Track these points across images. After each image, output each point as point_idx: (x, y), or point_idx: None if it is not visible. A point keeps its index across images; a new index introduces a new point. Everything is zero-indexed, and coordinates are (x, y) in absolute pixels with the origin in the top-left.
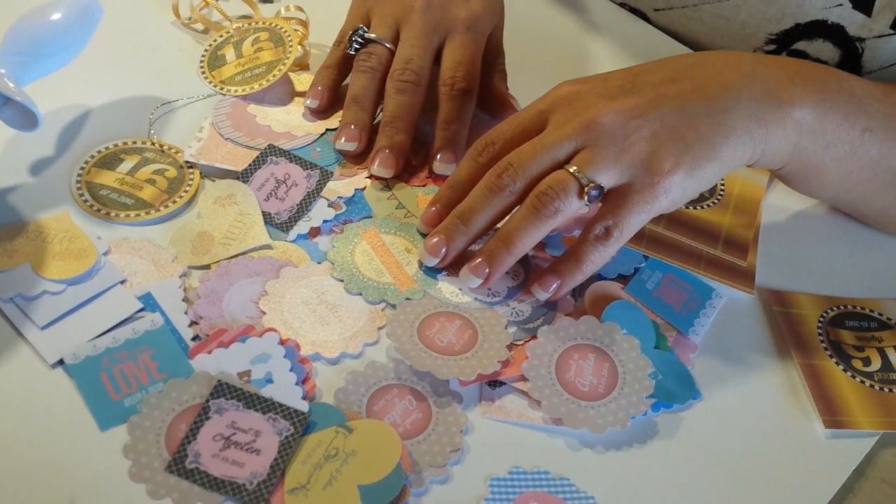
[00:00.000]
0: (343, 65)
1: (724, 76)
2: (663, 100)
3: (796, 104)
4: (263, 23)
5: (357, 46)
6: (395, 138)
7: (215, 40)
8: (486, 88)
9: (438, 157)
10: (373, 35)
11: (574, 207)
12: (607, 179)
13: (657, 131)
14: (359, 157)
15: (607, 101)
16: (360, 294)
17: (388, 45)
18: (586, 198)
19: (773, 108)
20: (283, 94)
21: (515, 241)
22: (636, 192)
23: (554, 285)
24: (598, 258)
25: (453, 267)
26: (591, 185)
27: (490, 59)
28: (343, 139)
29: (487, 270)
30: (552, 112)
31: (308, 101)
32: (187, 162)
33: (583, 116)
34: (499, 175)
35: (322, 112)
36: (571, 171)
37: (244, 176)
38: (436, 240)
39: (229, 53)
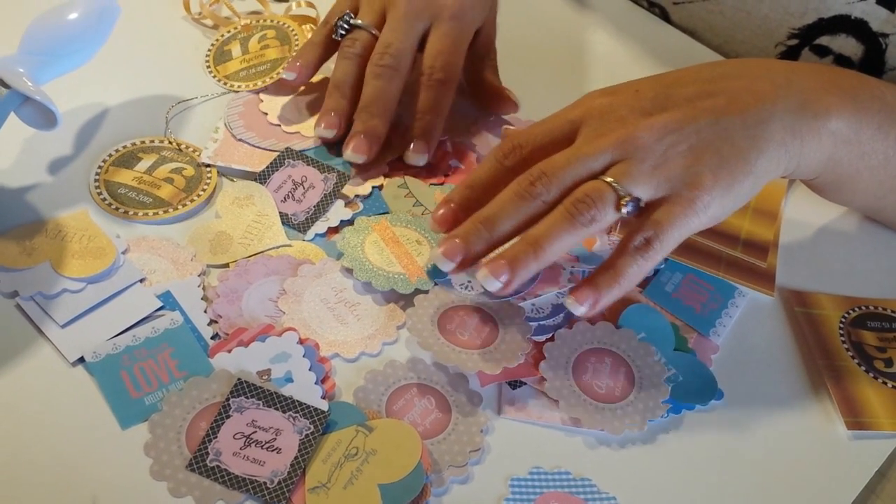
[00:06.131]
0: (327, 44)
1: (758, 87)
2: (699, 113)
3: (832, 115)
4: (272, 20)
5: (343, 32)
6: (368, 123)
7: (223, 35)
8: (478, 84)
9: (411, 147)
10: (358, 21)
11: (609, 219)
12: (644, 192)
13: (694, 146)
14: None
15: (642, 117)
16: (370, 282)
17: (372, 32)
18: (624, 210)
19: (809, 119)
20: (295, 90)
21: (545, 245)
22: (676, 205)
23: (590, 300)
24: (637, 271)
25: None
26: (629, 197)
27: (480, 54)
28: (322, 126)
29: (509, 274)
30: (584, 123)
31: (285, 74)
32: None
33: (619, 132)
34: (531, 182)
35: (298, 86)
36: (608, 181)
37: (261, 178)
38: (454, 242)
39: (235, 49)
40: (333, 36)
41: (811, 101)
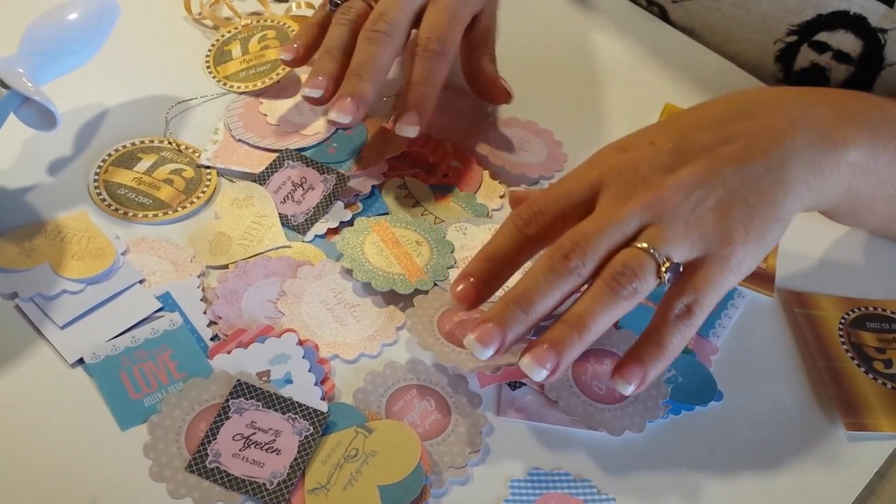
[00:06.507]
0: (327, 24)
1: (774, 123)
2: (720, 163)
3: (850, 146)
4: (272, 21)
5: (337, 2)
6: (357, 86)
7: (223, 35)
8: (474, 72)
9: (402, 118)
10: None
11: (651, 287)
12: (681, 255)
13: (721, 200)
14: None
15: (664, 174)
16: (369, 283)
17: (368, 1)
18: (665, 278)
19: (827, 152)
20: (296, 92)
21: (589, 324)
22: (712, 265)
23: (638, 378)
24: (680, 340)
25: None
26: (668, 263)
27: (477, 42)
28: (309, 87)
29: (555, 360)
30: (604, 184)
31: (283, 55)
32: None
33: (645, 194)
34: (565, 255)
35: (294, 67)
36: (644, 247)
37: (261, 179)
38: (489, 326)
39: (235, 50)
40: (328, 8)
41: (828, 133)
